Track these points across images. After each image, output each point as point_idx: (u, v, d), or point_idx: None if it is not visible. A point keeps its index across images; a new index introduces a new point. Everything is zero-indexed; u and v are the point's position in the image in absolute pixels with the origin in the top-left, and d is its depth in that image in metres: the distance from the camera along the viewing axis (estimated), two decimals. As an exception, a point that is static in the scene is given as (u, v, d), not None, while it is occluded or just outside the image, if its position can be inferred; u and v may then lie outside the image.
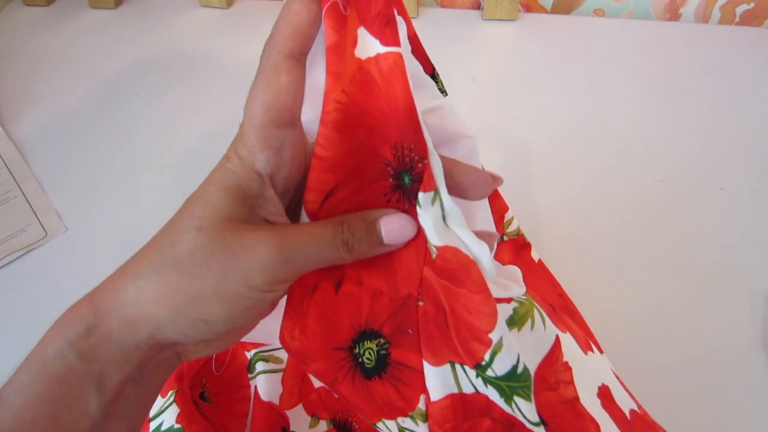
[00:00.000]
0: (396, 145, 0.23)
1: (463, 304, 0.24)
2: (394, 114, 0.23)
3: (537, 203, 0.52)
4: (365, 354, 0.26)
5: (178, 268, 0.21)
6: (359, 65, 0.22)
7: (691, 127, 0.58)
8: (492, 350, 0.24)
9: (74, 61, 0.70)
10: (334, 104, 0.22)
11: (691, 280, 0.47)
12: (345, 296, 0.26)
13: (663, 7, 0.71)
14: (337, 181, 0.23)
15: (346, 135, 0.23)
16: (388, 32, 0.22)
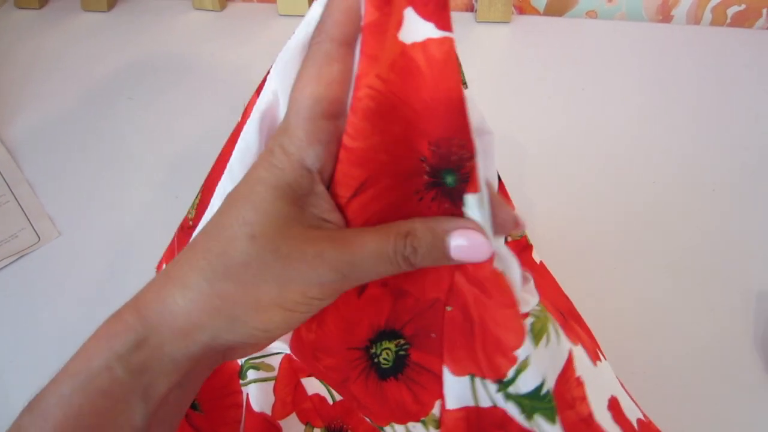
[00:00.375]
0: (439, 142, 0.21)
1: (492, 316, 0.23)
2: (440, 107, 0.20)
3: (531, 205, 0.52)
4: (382, 354, 0.26)
5: (233, 278, 0.20)
6: (403, 50, 0.20)
7: (683, 128, 0.59)
8: (517, 368, 0.23)
9: (67, 65, 0.70)
10: (367, 90, 0.20)
11: (684, 280, 0.47)
12: (367, 299, 0.25)
13: (655, 9, 0.71)
14: (366, 177, 0.22)
15: (378, 126, 0.21)
16: (444, 15, 0.20)
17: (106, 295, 0.48)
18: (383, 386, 0.26)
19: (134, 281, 0.50)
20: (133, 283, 0.50)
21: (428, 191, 0.22)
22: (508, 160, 0.56)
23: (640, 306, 0.45)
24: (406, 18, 0.20)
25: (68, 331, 0.46)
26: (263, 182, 0.21)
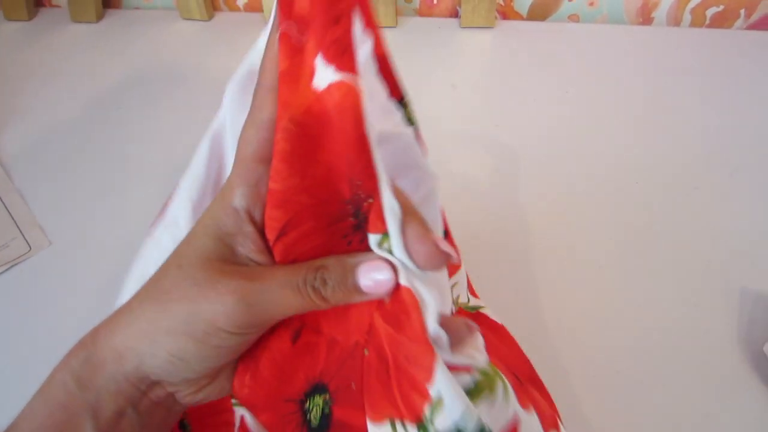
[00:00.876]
0: (351, 182, 0.22)
1: (404, 353, 0.22)
2: (350, 148, 0.21)
3: (516, 207, 0.53)
4: (313, 411, 0.25)
5: (157, 303, 0.22)
6: (317, 97, 0.21)
7: (665, 128, 0.60)
8: (432, 406, 0.22)
9: (56, 75, 0.70)
10: (281, 133, 0.21)
11: (667, 278, 0.48)
12: (302, 347, 0.24)
13: (635, 12, 0.72)
14: (287, 219, 0.22)
15: (296, 168, 0.21)
16: (345, 60, 0.20)
17: (97, 304, 0.49)
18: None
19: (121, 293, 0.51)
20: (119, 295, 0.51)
21: (355, 234, 0.23)
22: (493, 163, 0.57)
23: (623, 304, 0.46)
24: (318, 65, 0.21)
25: (59, 341, 0.47)
26: (201, 223, 0.23)
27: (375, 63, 0.26)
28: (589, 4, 0.72)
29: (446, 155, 0.58)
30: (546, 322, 0.43)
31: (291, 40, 0.21)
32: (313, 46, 0.20)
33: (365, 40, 0.23)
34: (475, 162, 0.57)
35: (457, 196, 0.54)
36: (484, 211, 0.53)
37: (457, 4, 0.74)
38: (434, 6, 0.75)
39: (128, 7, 0.81)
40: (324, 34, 0.20)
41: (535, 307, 0.45)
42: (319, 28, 0.20)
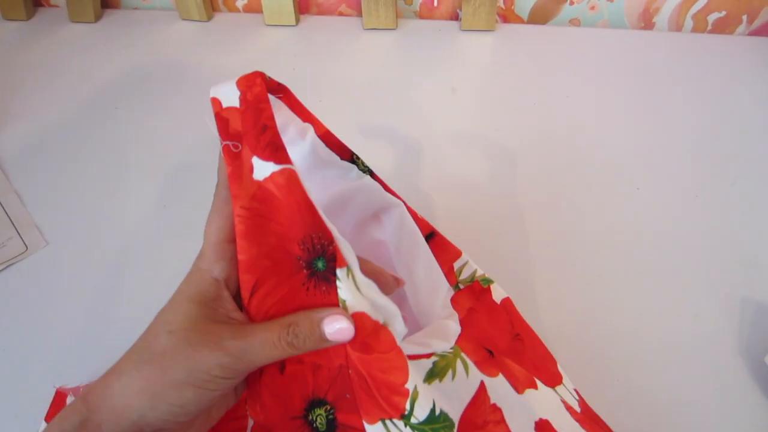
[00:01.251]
0: (304, 239, 0.28)
1: (377, 367, 0.28)
2: (297, 215, 0.27)
3: (516, 212, 0.53)
4: (317, 420, 0.30)
5: (154, 364, 0.26)
6: (258, 185, 0.28)
7: (665, 134, 0.60)
8: (410, 399, 0.28)
9: (55, 75, 0.70)
10: (236, 218, 0.28)
11: (668, 287, 0.47)
12: (290, 375, 0.29)
13: (637, 16, 0.72)
14: (255, 280, 0.28)
15: (253, 241, 0.28)
16: (279, 155, 0.28)
17: (93, 305, 0.49)
18: None
19: (121, 291, 0.51)
20: (119, 293, 0.51)
21: (310, 281, 0.28)
22: (493, 167, 0.57)
23: (622, 312, 0.46)
24: (255, 164, 0.28)
25: (55, 341, 0.46)
26: (182, 292, 0.28)
27: (321, 141, 0.35)
28: (590, 8, 0.72)
29: (445, 159, 0.58)
30: (545, 331, 0.43)
31: (231, 151, 0.29)
32: (248, 151, 0.28)
33: (307, 128, 0.34)
34: (474, 166, 0.57)
35: (456, 201, 0.54)
36: (482, 216, 0.52)
37: (457, 7, 0.74)
38: (434, 9, 0.75)
39: (127, 8, 0.81)
40: (257, 140, 0.28)
41: (534, 316, 0.45)
42: (251, 138, 0.28)
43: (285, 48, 0.72)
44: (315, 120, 0.35)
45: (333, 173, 0.38)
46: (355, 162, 0.37)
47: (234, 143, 0.29)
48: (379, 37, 0.73)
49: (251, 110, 0.29)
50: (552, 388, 0.38)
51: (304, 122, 0.34)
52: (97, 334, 0.47)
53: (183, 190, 0.57)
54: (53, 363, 0.45)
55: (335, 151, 0.36)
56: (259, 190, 0.28)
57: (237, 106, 0.29)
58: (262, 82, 0.30)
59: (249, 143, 0.28)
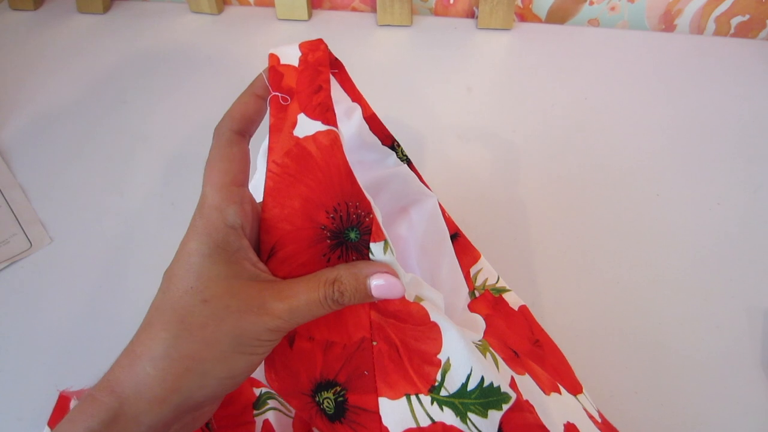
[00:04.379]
0: (338, 206, 0.27)
1: (411, 335, 0.28)
2: (335, 179, 0.26)
3: (531, 216, 0.52)
4: (324, 403, 0.29)
5: (197, 340, 0.23)
6: (296, 142, 0.27)
7: (686, 139, 0.58)
8: (442, 370, 0.27)
9: (62, 67, 0.69)
10: (267, 173, 0.27)
11: (688, 296, 0.46)
12: (298, 352, 0.28)
13: (658, 18, 0.70)
14: (274, 242, 0.27)
15: (278, 200, 0.26)
16: (328, 116, 0.27)
17: (98, 303, 0.47)
18: (335, 428, 0.29)
19: (126, 289, 0.50)
20: (125, 292, 0.49)
21: (333, 252, 0.27)
22: (509, 168, 0.55)
23: (641, 322, 0.45)
24: (300, 120, 0.27)
25: (58, 342, 0.45)
26: (196, 252, 0.24)
27: (366, 123, 0.35)
28: (610, 8, 0.70)
29: (459, 160, 0.56)
30: (559, 340, 0.42)
31: (279, 103, 0.28)
32: (296, 107, 0.27)
33: (355, 108, 0.34)
34: (488, 168, 0.55)
35: (469, 204, 0.52)
36: (496, 219, 0.51)
37: (474, 5, 0.73)
38: (450, 6, 0.73)
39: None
40: (309, 98, 0.27)
41: (550, 323, 0.44)
42: (303, 96, 0.27)
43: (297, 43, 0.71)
44: (363, 101, 0.35)
45: (372, 157, 0.38)
46: (395, 149, 0.38)
47: (283, 96, 0.28)
48: (394, 34, 0.72)
49: (310, 70, 0.28)
50: (574, 396, 0.37)
51: (352, 102, 0.34)
52: (103, 335, 0.45)
53: (192, 186, 0.55)
54: (56, 364, 0.44)
55: (378, 136, 0.37)
56: (296, 147, 0.27)
57: (295, 65, 0.29)
58: (325, 49, 0.30)
59: (300, 100, 0.28)
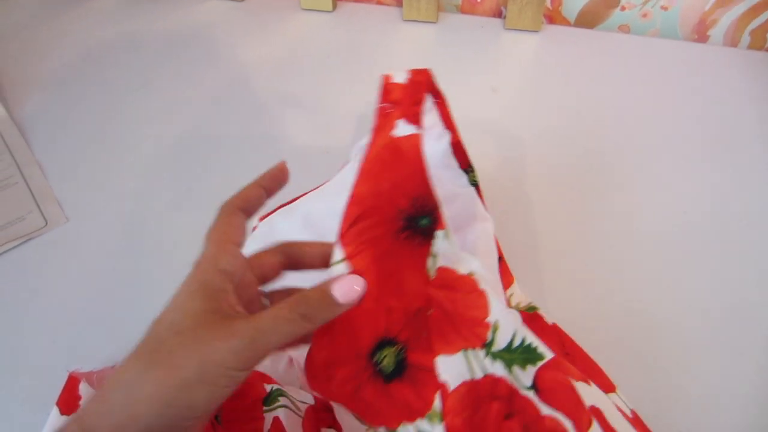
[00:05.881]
0: (417, 198, 0.33)
1: (462, 304, 0.32)
2: (419, 174, 0.33)
3: (555, 224, 0.51)
4: (384, 360, 0.31)
5: (163, 366, 0.24)
6: (393, 140, 0.34)
7: (715, 154, 0.57)
8: (492, 329, 0.32)
9: (83, 46, 0.69)
10: (368, 157, 0.33)
11: (713, 320, 0.45)
12: (364, 312, 0.31)
13: (691, 28, 0.69)
14: (360, 212, 0.32)
15: (370, 179, 0.32)
16: (420, 124, 0.34)
17: (111, 284, 0.47)
18: (389, 389, 0.31)
19: (140, 272, 0.49)
20: (139, 274, 0.49)
21: (403, 232, 0.33)
22: (533, 175, 0.54)
23: (666, 346, 0.44)
24: (399, 124, 0.34)
25: (70, 321, 0.45)
26: (184, 290, 0.27)
27: (451, 148, 0.43)
28: (642, 15, 0.69)
29: (482, 162, 0.55)
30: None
31: (384, 111, 0.35)
32: (398, 113, 0.35)
33: (445, 134, 0.43)
34: (512, 171, 0.54)
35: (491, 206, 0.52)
36: (518, 225, 0.50)
37: (501, 4, 0.72)
38: (477, 4, 0.72)
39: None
40: (409, 108, 0.35)
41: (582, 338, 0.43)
42: (405, 105, 0.35)
43: (320, 34, 0.70)
44: (454, 129, 0.42)
45: (448, 175, 0.44)
46: (468, 173, 0.44)
47: (389, 106, 0.36)
48: (419, 30, 0.71)
49: (413, 87, 0.36)
50: (606, 394, 0.37)
51: (445, 128, 0.42)
52: (114, 317, 0.45)
53: (209, 172, 0.55)
54: (67, 344, 0.44)
55: (458, 159, 0.44)
56: (392, 143, 0.34)
57: (402, 83, 0.37)
58: (429, 75, 0.38)
59: (402, 108, 0.35)
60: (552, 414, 0.32)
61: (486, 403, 0.31)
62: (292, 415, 0.37)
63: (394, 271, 0.33)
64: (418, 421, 0.31)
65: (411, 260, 0.33)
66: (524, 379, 0.32)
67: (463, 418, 0.31)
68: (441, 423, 0.31)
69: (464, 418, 0.31)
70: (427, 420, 0.31)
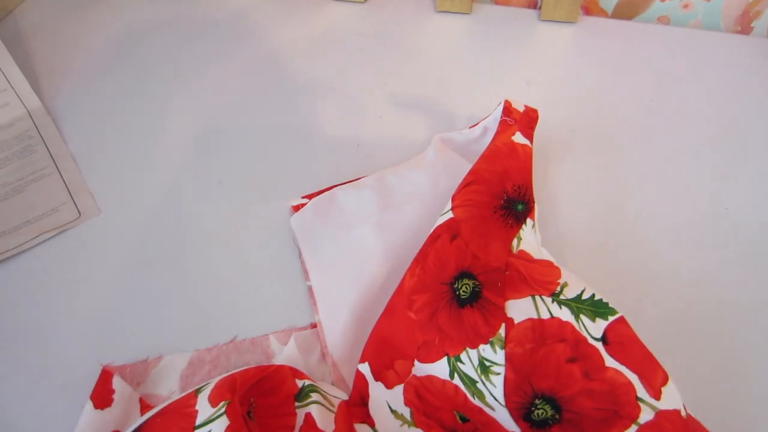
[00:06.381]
0: (519, 185, 0.43)
1: (537, 270, 0.37)
2: (523, 171, 0.44)
3: (590, 219, 0.49)
4: (462, 288, 0.37)
5: None
6: (512, 142, 0.45)
7: (755, 151, 0.55)
8: (561, 285, 0.37)
9: (115, 37, 0.69)
10: (490, 147, 0.45)
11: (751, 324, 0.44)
12: (456, 247, 0.39)
13: (734, 19, 0.66)
14: (473, 180, 0.43)
15: (488, 161, 0.44)
16: (531, 136, 0.47)
17: (144, 279, 0.47)
18: (462, 313, 0.36)
19: (172, 266, 0.49)
20: (171, 268, 0.49)
21: (499, 210, 0.42)
22: (568, 171, 0.53)
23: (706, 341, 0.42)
24: (517, 134, 0.47)
25: (104, 312, 0.45)
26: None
27: None
28: (683, 6, 0.67)
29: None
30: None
31: (507, 123, 0.48)
32: (516, 127, 0.47)
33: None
34: (545, 168, 0.53)
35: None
36: (550, 224, 0.49)
37: (537, -5, 0.70)
38: (512, -5, 0.71)
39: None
40: (524, 126, 0.48)
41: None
42: (522, 123, 0.48)
43: (350, 25, 0.69)
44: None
45: None
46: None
47: (510, 119, 0.48)
48: (452, 21, 0.69)
49: (528, 114, 0.49)
50: None
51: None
52: (147, 309, 0.45)
53: (240, 167, 0.55)
54: (101, 337, 0.44)
55: None
56: (511, 143, 0.45)
57: (520, 110, 0.49)
58: (537, 114, 0.50)
59: (520, 126, 0.48)
60: (616, 366, 0.33)
61: (552, 342, 0.34)
62: (325, 410, 0.37)
63: (485, 233, 0.40)
64: (481, 347, 0.35)
65: (501, 232, 0.40)
66: (594, 330, 0.34)
67: (525, 350, 0.34)
68: (503, 350, 0.34)
69: (526, 350, 0.34)
70: (489, 345, 0.34)
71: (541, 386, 0.34)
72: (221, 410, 0.32)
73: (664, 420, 0.32)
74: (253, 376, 0.36)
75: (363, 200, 0.48)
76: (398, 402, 0.38)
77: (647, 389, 0.33)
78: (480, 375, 0.35)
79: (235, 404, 0.32)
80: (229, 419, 0.31)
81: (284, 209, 0.51)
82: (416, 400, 0.38)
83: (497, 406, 0.34)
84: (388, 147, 0.55)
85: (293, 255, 0.48)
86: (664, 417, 0.32)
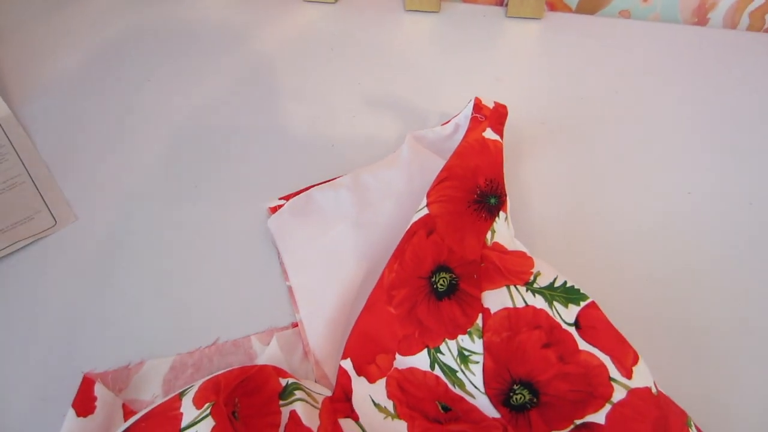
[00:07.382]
0: (492, 180, 0.45)
1: (510, 261, 0.39)
2: (494, 165, 0.45)
3: (561, 210, 0.51)
4: (439, 282, 0.39)
5: None
6: (483, 138, 0.47)
7: (718, 136, 0.57)
8: (534, 275, 0.38)
9: (88, 43, 0.68)
10: (462, 143, 0.47)
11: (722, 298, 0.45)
12: (432, 242, 0.40)
13: (691, 11, 0.69)
14: (446, 176, 0.44)
15: (461, 158, 0.45)
16: (501, 133, 0.48)
17: (123, 286, 0.47)
18: (440, 306, 0.38)
19: (152, 273, 0.49)
20: (151, 274, 0.49)
21: (473, 204, 0.43)
22: (539, 162, 0.55)
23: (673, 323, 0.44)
24: (488, 130, 0.48)
25: (82, 322, 0.45)
26: None
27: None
28: (642, 0, 0.69)
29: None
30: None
31: (477, 119, 0.50)
32: (487, 123, 0.49)
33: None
34: (518, 161, 0.55)
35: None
36: (526, 214, 0.50)
37: (503, -8, 0.71)
38: (479, -8, 0.72)
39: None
40: (494, 122, 0.49)
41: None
42: (492, 120, 0.49)
43: (322, 26, 0.70)
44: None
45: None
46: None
47: (480, 116, 0.50)
48: (421, 20, 0.70)
49: (498, 111, 0.50)
50: None
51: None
52: (126, 317, 0.45)
53: (216, 170, 0.55)
54: (81, 344, 0.44)
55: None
56: (482, 139, 0.47)
57: (490, 107, 0.50)
58: (506, 110, 0.51)
59: (490, 122, 0.49)
60: (589, 349, 0.35)
61: (528, 330, 0.36)
62: (309, 407, 0.37)
63: (460, 227, 0.41)
64: (460, 338, 0.36)
65: (475, 225, 0.41)
66: (567, 316, 0.36)
67: (502, 338, 0.36)
68: (481, 339, 0.36)
69: (503, 338, 0.36)
70: (468, 336, 0.36)
71: (518, 372, 0.36)
72: (206, 412, 0.32)
73: (636, 397, 0.34)
74: (237, 377, 0.36)
75: (340, 200, 0.49)
76: (381, 395, 0.39)
77: (619, 369, 0.35)
78: (460, 364, 0.36)
79: (220, 405, 0.33)
80: (214, 420, 0.32)
81: (261, 211, 0.51)
82: (399, 393, 0.39)
83: (477, 393, 0.36)
84: (362, 146, 0.56)
85: (272, 256, 0.48)
86: (635, 395, 0.34)
